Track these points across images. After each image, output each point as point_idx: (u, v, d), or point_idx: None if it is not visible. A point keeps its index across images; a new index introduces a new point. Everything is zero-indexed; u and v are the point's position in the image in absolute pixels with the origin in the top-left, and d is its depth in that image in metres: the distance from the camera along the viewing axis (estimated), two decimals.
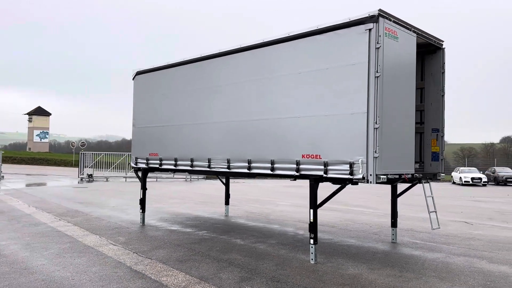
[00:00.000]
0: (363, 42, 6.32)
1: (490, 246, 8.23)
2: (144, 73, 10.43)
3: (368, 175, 6.21)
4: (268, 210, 13.36)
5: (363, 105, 6.29)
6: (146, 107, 10.31)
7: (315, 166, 6.82)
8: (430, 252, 7.59)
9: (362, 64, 6.32)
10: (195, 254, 7.14)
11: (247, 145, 7.89)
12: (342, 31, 6.61)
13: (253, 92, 7.85)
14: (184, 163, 9.21)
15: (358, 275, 6.04)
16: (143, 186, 10.21)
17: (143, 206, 10.15)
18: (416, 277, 5.98)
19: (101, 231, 9.08)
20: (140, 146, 10.46)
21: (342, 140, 6.51)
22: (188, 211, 12.72)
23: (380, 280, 5.82)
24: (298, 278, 5.84)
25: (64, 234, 8.70)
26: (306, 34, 7.08)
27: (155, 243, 7.97)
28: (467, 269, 6.46)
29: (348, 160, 6.41)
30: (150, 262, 6.56)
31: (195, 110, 8.99)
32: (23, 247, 7.46)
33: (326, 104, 6.74)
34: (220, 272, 6.04)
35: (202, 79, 8.86)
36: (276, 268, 6.31)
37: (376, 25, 6.24)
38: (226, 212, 11.92)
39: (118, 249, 7.43)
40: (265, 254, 7.22)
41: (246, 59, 8.01)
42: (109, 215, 11.54)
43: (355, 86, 6.40)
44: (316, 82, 6.90)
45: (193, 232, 9.13)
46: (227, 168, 8.26)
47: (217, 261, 6.66)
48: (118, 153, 32.72)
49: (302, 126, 7.04)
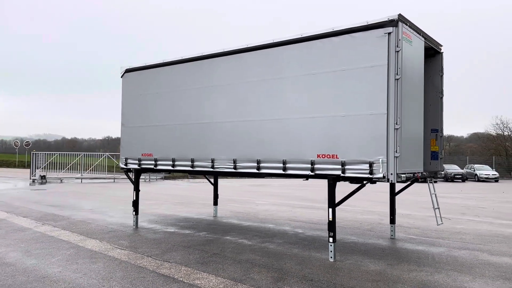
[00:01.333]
0: (383, 45, 6.53)
1: (480, 239, 8.77)
2: (135, 70, 10.11)
3: (389, 174, 6.42)
4: (253, 209, 13.38)
5: (383, 106, 6.49)
6: (137, 106, 9.99)
7: (331, 166, 6.94)
8: (432, 246, 7.96)
9: (382, 67, 6.52)
10: (211, 255, 7.04)
11: (256, 145, 7.88)
12: (360, 34, 6.78)
13: (262, 92, 7.85)
14: (183, 164, 9.03)
15: (381, 271, 6.24)
16: (136, 188, 9.89)
17: (136, 208, 9.83)
18: (436, 271, 6.27)
19: (98, 235, 8.70)
20: (130, 146, 10.12)
21: (360, 140, 6.67)
22: (172, 213, 12.46)
23: (405, 275, 6.04)
24: (328, 276, 5.93)
25: (59, 240, 8.25)
26: (321, 36, 7.18)
27: (163, 246, 7.76)
28: (475, 261, 6.86)
29: (367, 160, 6.59)
30: (172, 265, 6.40)
31: (196, 110, 8.83)
32: (24, 254, 7.01)
33: (344, 104, 6.88)
34: (250, 273, 6.01)
35: (204, 78, 8.72)
36: (301, 267, 6.37)
37: (395, 29, 6.46)
38: (215, 213, 11.80)
39: (128, 253, 7.16)
40: (280, 253, 7.26)
41: (255, 59, 7.98)
42: (93, 218, 11.06)
43: (374, 88, 6.59)
44: (332, 83, 7.02)
45: (193, 234, 8.97)
46: (233, 168, 8.20)
47: (238, 262, 6.61)
48: (73, 153, 31.36)
49: (318, 126, 7.14)
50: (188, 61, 9.04)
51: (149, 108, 9.73)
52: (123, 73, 10.34)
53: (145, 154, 9.75)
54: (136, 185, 9.91)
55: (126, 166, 10.15)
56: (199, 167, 8.77)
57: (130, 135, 10.14)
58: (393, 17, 6.47)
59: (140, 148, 9.87)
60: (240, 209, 13.33)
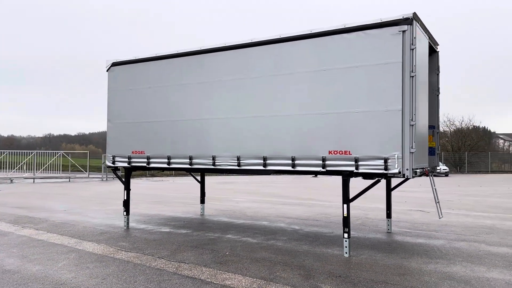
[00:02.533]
0: (397, 43, 6.63)
1: (469, 231, 9.17)
2: (123, 64, 9.64)
3: (405, 170, 6.54)
4: (236, 207, 13.24)
5: (398, 103, 6.60)
6: (127, 101, 9.54)
7: (344, 162, 6.98)
8: (430, 239, 8.23)
9: (396, 64, 6.62)
10: (224, 255, 6.86)
11: (262, 141, 7.76)
12: (373, 31, 6.85)
13: (269, 88, 7.74)
14: (181, 161, 8.74)
15: (400, 264, 6.35)
16: (127, 187, 9.45)
17: (127, 209, 9.40)
18: (450, 262, 6.48)
19: (91, 237, 8.23)
20: (118, 143, 9.65)
21: (375, 136, 6.75)
22: (155, 212, 12.06)
23: (424, 267, 6.19)
24: (353, 271, 5.96)
25: (52, 243, 7.73)
26: (332, 32, 7.18)
27: (168, 246, 7.47)
28: (479, 253, 7.15)
29: (382, 156, 6.67)
30: (190, 266, 6.16)
31: (195, 105, 8.57)
32: (23, 260, 6.49)
33: (357, 101, 6.92)
34: (275, 271, 5.91)
35: (204, 73, 8.47)
36: (321, 264, 6.35)
37: (410, 27, 6.58)
38: (202, 211, 11.54)
39: (137, 255, 6.83)
40: (292, 250, 7.21)
41: (261, 54, 7.85)
42: (74, 220, 10.47)
43: (388, 84, 6.68)
44: (344, 79, 7.04)
45: (191, 233, 8.72)
46: (236, 165, 8.04)
47: (256, 261, 6.49)
48: (24, 152, 29.59)
49: (329, 122, 7.14)
50: (186, 55, 8.75)
51: (140, 104, 9.32)
52: (109, 67, 9.84)
53: (136, 151, 9.34)
54: (126, 184, 9.47)
55: (114, 164, 9.67)
56: (198, 165, 8.52)
57: (118, 131, 9.67)
58: (408, 16, 6.58)
59: (130, 145, 9.44)
60: (223, 207, 13.15)
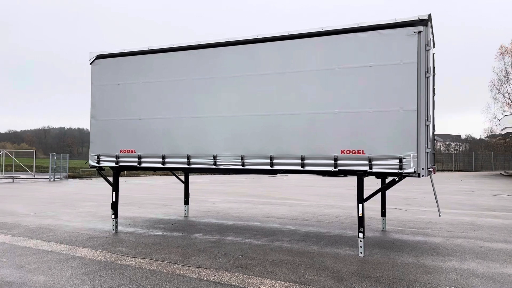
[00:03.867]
0: (412, 43, 6.70)
1: (456, 227, 9.50)
2: (110, 57, 9.04)
3: (420, 169, 6.63)
4: (216, 208, 12.90)
5: (413, 102, 6.67)
6: (115, 96, 8.95)
7: (357, 162, 6.96)
8: (427, 237, 8.42)
9: (412, 64, 6.69)
10: (239, 259, 6.60)
11: (269, 140, 7.57)
12: (388, 31, 6.87)
13: (278, 86, 7.55)
14: (177, 161, 8.33)
15: (417, 263, 6.41)
16: (115, 188, 8.86)
17: (116, 211, 8.81)
18: (464, 259, 6.63)
19: (83, 243, 7.63)
20: (104, 141, 9.03)
21: (389, 136, 6.77)
22: (134, 214, 11.46)
23: (443, 265, 6.28)
24: (379, 271, 5.92)
25: (42, 251, 7.07)
26: (345, 31, 7.13)
27: (174, 250, 7.08)
28: (481, 249, 7.40)
29: (397, 155, 6.72)
30: (212, 271, 5.85)
31: (195, 103, 8.20)
32: (21, 270, 5.86)
33: (370, 100, 6.92)
34: (303, 274, 5.75)
35: (205, 69, 8.12)
36: (344, 265, 6.27)
37: (426, 28, 6.67)
38: (186, 213, 11.11)
39: (147, 261, 6.38)
40: (304, 252, 7.08)
41: (269, 50, 7.65)
42: (51, 224, 9.69)
43: (403, 85, 6.73)
44: (357, 78, 7.02)
45: (188, 236, 8.34)
46: (240, 165, 7.78)
47: (275, 264, 6.29)
48: None
49: (341, 122, 7.08)
50: (184, 49, 8.34)
51: (131, 100, 8.78)
52: (94, 60, 9.19)
53: (125, 150, 8.79)
54: (115, 185, 8.88)
55: (98, 164, 9.05)
56: (197, 164, 8.16)
57: (104, 129, 9.05)
58: (424, 17, 6.67)
59: (118, 143, 8.87)
60: (203, 208, 12.76)
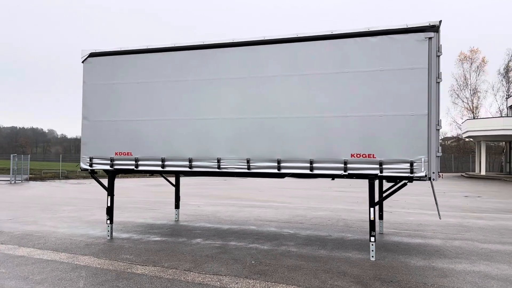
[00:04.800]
0: (423, 49, 6.77)
1: (447, 229, 9.70)
2: (105, 55, 8.65)
3: (431, 173, 6.71)
4: (204, 211, 12.64)
5: (424, 107, 6.75)
6: (109, 96, 8.56)
7: (367, 166, 6.96)
8: (426, 239, 8.55)
9: (423, 70, 6.77)
10: (253, 265, 6.44)
11: (275, 143, 7.46)
12: (398, 36, 6.93)
13: (284, 89, 7.46)
14: (177, 164, 8.06)
15: (429, 266, 6.48)
16: (111, 192, 8.46)
17: (111, 216, 8.41)
18: (472, 261, 6.76)
19: (81, 251, 7.23)
20: (98, 143, 8.62)
21: (400, 140, 6.82)
22: (122, 219, 11.05)
23: (455, 267, 6.38)
24: (398, 276, 5.93)
25: (41, 259, 6.64)
26: (356, 35, 7.13)
27: (182, 257, 6.83)
28: (481, 250, 7.58)
29: (408, 159, 6.77)
30: (233, 279, 5.67)
31: (196, 104, 7.97)
32: (28, 282, 5.46)
33: (382, 104, 6.94)
34: (326, 280, 5.67)
35: (208, 70, 7.91)
36: (360, 270, 6.24)
37: (437, 34, 6.77)
38: (177, 217, 10.80)
39: (159, 269, 6.11)
40: (315, 256, 7.01)
41: (274, 52, 7.54)
42: (36, 231, 9.16)
43: (414, 89, 6.79)
44: (367, 82, 7.03)
45: (189, 242, 8.08)
46: (246, 168, 7.63)
47: (292, 269, 6.18)
48: None
49: (352, 125, 7.07)
50: (185, 49, 8.10)
51: (127, 100, 8.43)
52: (86, 57, 8.76)
53: (121, 152, 8.42)
54: (110, 189, 8.48)
55: (91, 167, 8.63)
56: (199, 168, 7.93)
57: (98, 130, 8.64)
58: (435, 23, 6.76)
59: (113, 145, 8.49)
60: (190, 212, 12.47)
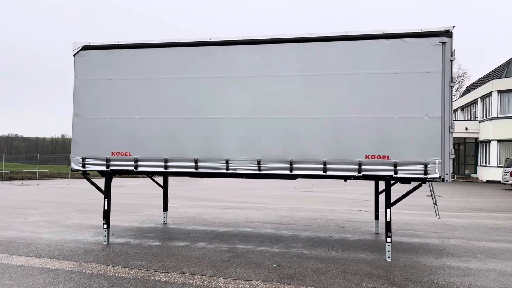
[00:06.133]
0: (437, 53, 6.94)
1: (436, 228, 10.02)
2: (100, 48, 8.12)
3: (445, 174, 6.88)
4: (186, 213, 12.23)
5: (438, 110, 6.91)
6: (105, 93, 8.03)
7: (382, 167, 7.03)
8: (422, 238, 8.77)
9: (437, 73, 6.93)
10: (275, 269, 6.29)
11: (287, 144, 7.35)
12: (413, 39, 7.05)
13: (298, 89, 7.36)
14: (182, 165, 7.72)
15: (443, 265, 6.63)
16: (107, 195, 7.93)
17: (108, 221, 7.88)
18: (480, 259, 7.01)
19: (83, 258, 6.73)
20: (91, 142, 8.06)
21: (415, 142, 6.94)
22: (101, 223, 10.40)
23: (469, 266, 6.59)
24: (423, 276, 6.02)
25: (44, 269, 6.10)
26: (371, 37, 7.17)
27: (198, 262, 6.54)
28: (480, 248, 7.89)
29: (422, 161, 6.91)
30: (266, 285, 5.48)
31: (203, 103, 7.67)
32: None
33: (395, 106, 7.03)
34: (362, 282, 5.65)
35: (216, 68, 7.64)
36: (384, 271, 6.27)
37: (450, 39, 6.96)
38: (165, 220, 10.35)
39: (183, 276, 5.80)
40: (332, 258, 6.98)
41: (289, 52, 7.42)
42: (19, 237, 8.43)
43: (429, 92, 6.94)
44: (382, 84, 7.09)
45: (193, 245, 7.77)
46: (256, 170, 7.46)
47: (319, 272, 6.11)
48: None
49: (366, 127, 7.10)
50: (190, 46, 7.78)
51: (126, 97, 7.95)
52: (78, 50, 8.18)
53: (118, 152, 7.94)
54: (106, 191, 7.95)
55: (84, 168, 8.05)
56: (206, 169, 7.64)
57: (92, 129, 8.08)
58: (449, 28, 6.94)
59: (110, 145, 7.98)
60: (173, 215, 12.01)
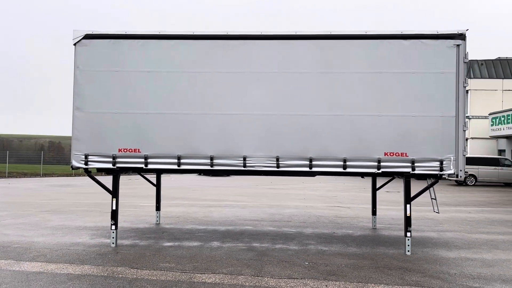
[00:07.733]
0: (452, 55, 7.24)
1: (424, 222, 10.46)
2: (105, 38, 7.60)
3: (459, 171, 7.20)
4: (172, 213, 11.82)
5: (452, 110, 7.21)
6: (111, 85, 7.52)
7: (400, 164, 7.22)
8: (419, 232, 9.10)
9: (451, 74, 7.23)
10: (310, 266, 6.26)
11: (307, 141, 7.33)
12: (429, 41, 7.29)
13: (318, 86, 7.35)
14: (196, 162, 7.44)
15: (461, 257, 6.95)
16: (115, 194, 7.44)
17: (116, 221, 7.40)
18: (488, 251, 7.42)
19: (101, 262, 6.31)
20: (95, 138, 7.51)
21: (431, 139, 7.20)
22: (93, 224, 9.80)
23: (482, 256, 6.96)
24: (451, 269, 6.26)
25: (71, 275, 5.64)
26: (390, 36, 7.33)
27: (229, 262, 6.35)
28: (478, 240, 8.35)
29: (438, 158, 7.18)
30: (319, 283, 5.43)
31: (220, 98, 7.43)
32: None
33: (414, 105, 7.24)
34: (403, 276, 5.76)
35: (234, 63, 7.42)
36: (415, 265, 6.45)
37: (464, 42, 7.28)
38: (158, 220, 9.93)
39: (225, 277, 5.61)
40: (354, 254, 7.07)
41: (309, 49, 7.38)
42: (10, 241, 7.72)
43: (444, 92, 7.22)
44: (400, 83, 7.27)
45: (207, 245, 7.54)
46: (275, 167, 7.37)
47: (355, 268, 6.16)
48: None
49: (385, 124, 7.26)
50: (206, 39, 7.50)
51: (134, 90, 7.51)
52: (80, 39, 7.60)
53: (126, 149, 7.48)
54: (114, 190, 7.46)
55: (87, 165, 7.51)
56: (222, 166, 7.42)
57: (95, 123, 7.54)
58: (463, 31, 7.26)
59: (116, 141, 7.50)
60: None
